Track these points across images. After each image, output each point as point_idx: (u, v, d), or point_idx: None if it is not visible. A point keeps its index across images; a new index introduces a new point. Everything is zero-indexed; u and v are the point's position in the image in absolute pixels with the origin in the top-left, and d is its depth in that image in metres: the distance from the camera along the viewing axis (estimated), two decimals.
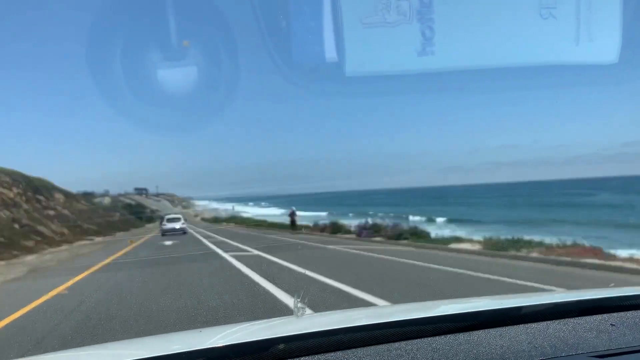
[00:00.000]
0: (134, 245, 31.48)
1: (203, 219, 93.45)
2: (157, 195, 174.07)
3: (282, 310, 7.91)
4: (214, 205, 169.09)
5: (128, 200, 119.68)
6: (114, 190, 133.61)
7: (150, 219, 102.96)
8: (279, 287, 10.22)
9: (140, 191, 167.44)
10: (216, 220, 76.64)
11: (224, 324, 1.66)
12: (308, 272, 12.10)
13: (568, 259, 13.47)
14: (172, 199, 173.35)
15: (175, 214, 53.47)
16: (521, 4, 2.83)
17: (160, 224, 43.04)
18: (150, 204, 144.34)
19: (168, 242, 31.00)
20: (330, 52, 2.63)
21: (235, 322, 1.68)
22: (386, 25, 2.57)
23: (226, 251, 20.03)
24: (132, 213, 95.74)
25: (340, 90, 3.44)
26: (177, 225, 37.25)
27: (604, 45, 2.83)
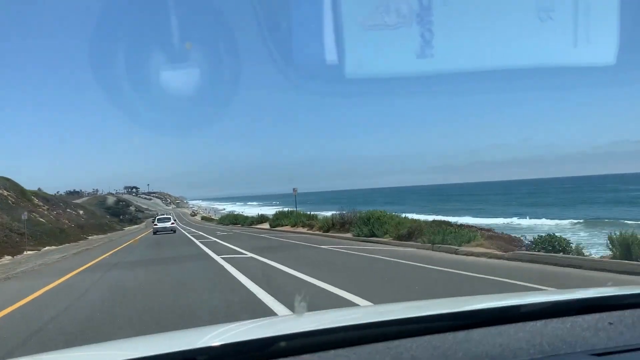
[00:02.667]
0: None
1: (205, 218, 77.44)
2: (149, 193, 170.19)
3: None
4: (203, 204, 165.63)
5: (113, 199, 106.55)
6: (105, 189, 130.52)
7: (135, 219, 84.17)
8: None
9: (131, 189, 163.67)
10: (235, 219, 50.54)
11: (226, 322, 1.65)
12: None
13: None
14: (164, 197, 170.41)
15: (167, 214, 52.88)
16: (519, 6, 2.86)
17: (153, 223, 43.46)
18: (141, 202, 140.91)
19: None
20: (330, 54, 2.66)
21: (237, 320, 1.69)
22: (386, 28, 2.60)
23: None
24: (112, 212, 76.82)
25: (340, 91, 3.47)
26: (168, 225, 38.33)
27: (601, 47, 2.86)
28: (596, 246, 13.29)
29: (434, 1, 2.58)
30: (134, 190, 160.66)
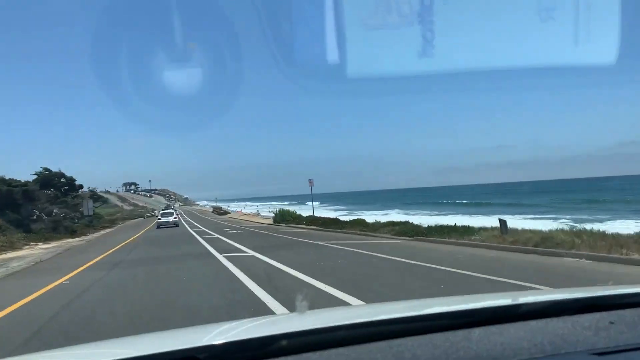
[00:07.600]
0: None
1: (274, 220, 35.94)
2: (150, 191, 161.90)
3: None
4: (210, 204, 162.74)
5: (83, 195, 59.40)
6: (105, 188, 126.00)
7: (74, 223, 37.81)
8: None
9: (129, 186, 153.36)
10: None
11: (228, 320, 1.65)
12: None
13: None
14: (167, 194, 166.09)
15: (171, 208, 52.66)
16: (521, 6, 2.86)
17: (157, 217, 43.75)
18: (138, 199, 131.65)
19: None
20: (332, 54, 2.67)
21: (239, 319, 1.70)
22: (387, 28, 2.60)
23: None
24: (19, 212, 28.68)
25: (342, 91, 3.47)
26: (171, 219, 38.38)
27: (602, 47, 2.86)
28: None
29: (435, 1, 2.59)
30: (133, 186, 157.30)
